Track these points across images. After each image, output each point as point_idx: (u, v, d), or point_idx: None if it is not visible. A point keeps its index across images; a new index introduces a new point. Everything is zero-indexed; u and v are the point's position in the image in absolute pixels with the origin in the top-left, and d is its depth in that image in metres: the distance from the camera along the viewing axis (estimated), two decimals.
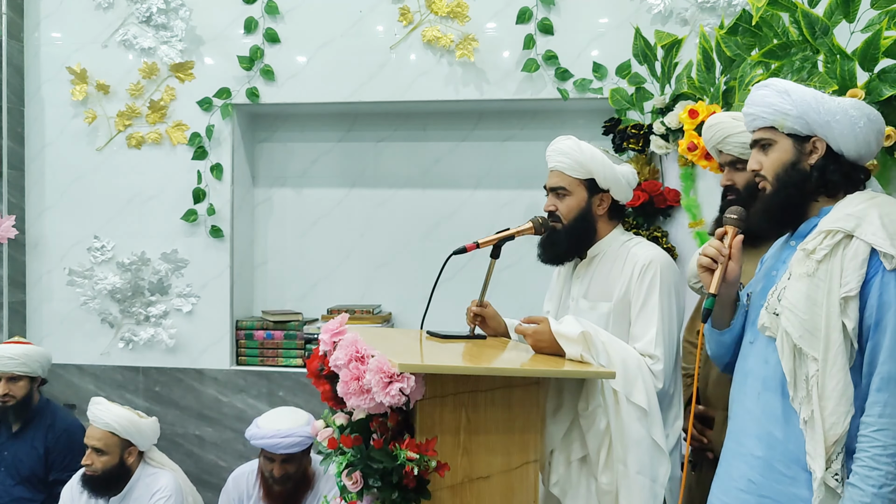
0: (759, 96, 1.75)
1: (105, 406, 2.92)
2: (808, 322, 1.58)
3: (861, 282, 1.55)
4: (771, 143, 1.73)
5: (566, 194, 2.16)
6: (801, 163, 1.70)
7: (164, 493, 2.92)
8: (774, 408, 1.65)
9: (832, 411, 1.54)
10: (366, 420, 1.78)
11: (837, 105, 1.66)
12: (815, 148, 1.69)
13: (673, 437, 2.04)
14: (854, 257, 1.56)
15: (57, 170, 3.89)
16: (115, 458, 2.90)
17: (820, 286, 1.58)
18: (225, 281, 3.79)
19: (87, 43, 3.83)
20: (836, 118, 1.65)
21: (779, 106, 1.70)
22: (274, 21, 3.70)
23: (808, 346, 1.57)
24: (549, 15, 3.48)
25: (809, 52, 2.23)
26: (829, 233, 1.60)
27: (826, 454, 1.54)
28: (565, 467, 1.92)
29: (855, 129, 1.66)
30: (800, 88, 1.70)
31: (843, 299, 1.55)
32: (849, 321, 1.55)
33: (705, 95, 2.77)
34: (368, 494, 1.73)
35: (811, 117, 1.67)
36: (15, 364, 3.21)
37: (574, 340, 1.84)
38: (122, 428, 2.89)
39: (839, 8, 2.22)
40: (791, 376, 1.60)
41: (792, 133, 1.70)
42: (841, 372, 1.54)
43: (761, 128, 1.75)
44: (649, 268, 2.06)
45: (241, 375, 3.78)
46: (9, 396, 3.22)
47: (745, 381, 1.74)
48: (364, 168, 3.99)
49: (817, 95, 1.69)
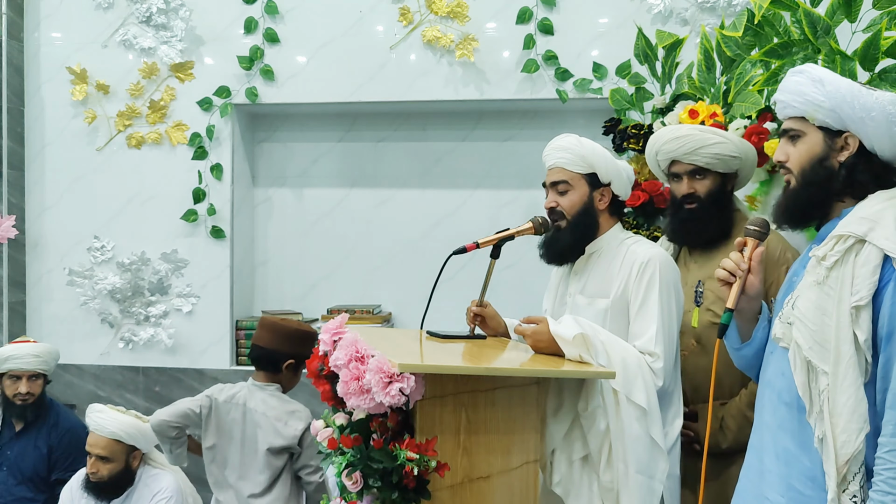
0: (793, 83, 1.62)
1: (108, 414, 2.89)
2: (817, 333, 1.49)
3: (873, 290, 1.44)
4: (800, 135, 1.62)
5: (568, 189, 2.16)
6: (830, 159, 1.58)
7: (164, 493, 2.92)
8: (790, 423, 1.56)
9: (843, 428, 1.44)
10: (366, 420, 1.78)
11: (875, 100, 1.53)
12: (847, 144, 1.57)
13: (672, 435, 2.04)
14: (865, 264, 1.46)
15: (57, 170, 3.89)
16: (120, 465, 2.89)
17: (830, 295, 1.48)
18: (225, 281, 3.79)
19: (87, 43, 3.83)
20: (871, 115, 1.52)
21: (811, 96, 1.58)
22: (274, 21, 3.69)
23: (818, 359, 1.48)
24: (549, 15, 3.48)
25: (811, 51, 2.23)
26: (841, 238, 1.50)
27: (839, 474, 1.44)
28: (567, 467, 1.92)
29: (893, 127, 1.53)
30: (836, 78, 1.58)
31: (853, 309, 1.45)
32: (861, 332, 1.45)
33: (705, 95, 2.76)
34: (368, 494, 1.73)
35: (845, 111, 1.54)
36: (38, 362, 3.24)
37: (572, 341, 1.83)
38: (128, 435, 2.87)
39: (841, 8, 2.22)
40: (804, 390, 1.51)
41: (823, 126, 1.58)
42: (852, 387, 1.44)
43: (791, 117, 1.63)
44: (648, 266, 2.06)
45: (241, 375, 3.77)
46: (30, 395, 3.24)
47: (763, 394, 1.66)
48: (364, 168, 3.99)
49: (854, 88, 1.55)
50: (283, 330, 2.75)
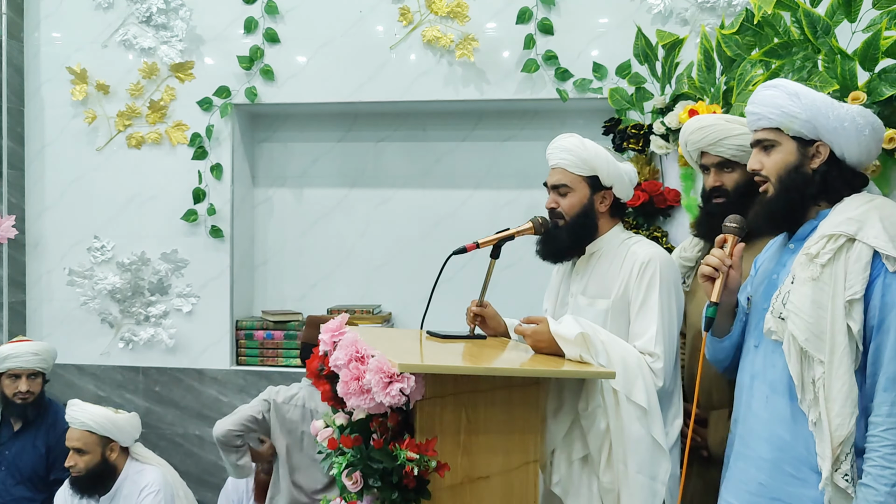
0: (768, 96, 1.73)
1: (79, 406, 2.96)
2: (813, 325, 1.60)
3: (865, 284, 1.57)
4: (774, 145, 1.73)
5: (568, 191, 2.16)
6: (804, 166, 1.70)
7: (151, 488, 2.94)
8: (783, 410, 1.67)
9: (838, 413, 1.55)
10: (366, 420, 1.78)
11: (846, 112, 1.67)
12: (819, 152, 1.70)
13: (673, 434, 2.03)
14: (857, 260, 1.58)
15: (57, 170, 3.89)
16: (97, 457, 2.93)
17: (825, 290, 1.60)
18: (225, 281, 3.79)
19: (87, 43, 3.83)
20: (843, 125, 1.66)
21: (787, 108, 1.69)
22: (274, 21, 3.70)
23: (815, 350, 1.59)
24: (549, 15, 3.48)
25: (811, 51, 2.23)
26: (832, 237, 1.61)
27: (833, 455, 1.55)
28: (567, 467, 1.92)
29: (861, 136, 1.67)
30: (810, 92, 1.70)
31: (848, 302, 1.57)
32: (854, 324, 1.57)
33: (705, 95, 2.76)
34: (368, 494, 1.73)
35: (820, 122, 1.67)
36: (37, 360, 3.26)
37: (573, 341, 1.84)
38: (99, 425, 2.92)
39: (841, 7, 2.22)
40: (798, 379, 1.62)
41: (797, 136, 1.70)
42: (846, 374, 1.56)
43: (765, 128, 1.74)
44: (649, 266, 2.06)
45: (241, 375, 3.78)
46: (30, 393, 3.25)
47: (751, 385, 1.76)
48: (364, 168, 3.99)
49: (827, 101, 1.68)
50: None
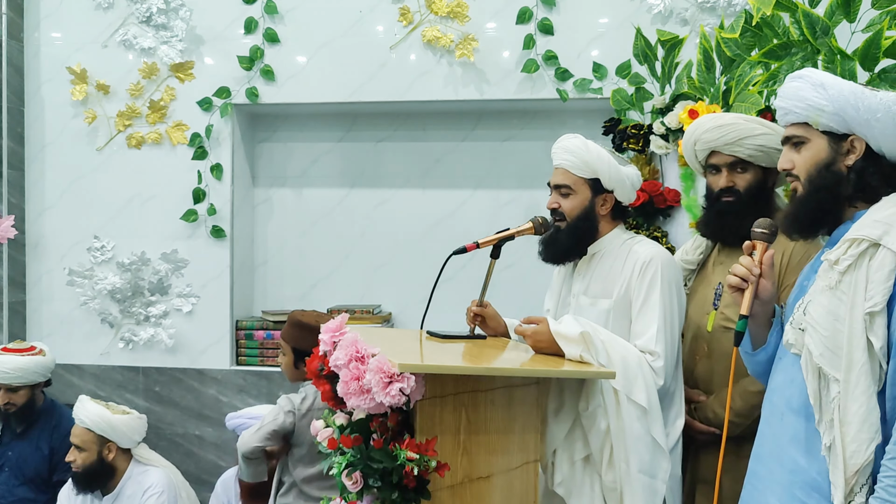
0: (793, 88, 1.58)
1: (83, 404, 2.98)
2: (829, 339, 1.43)
3: (888, 295, 1.39)
4: (804, 141, 1.58)
5: (570, 193, 2.16)
6: (837, 164, 1.54)
7: (155, 489, 2.95)
8: (797, 430, 1.51)
9: (853, 438, 1.39)
10: (366, 420, 1.78)
11: (879, 101, 1.49)
12: (853, 148, 1.53)
13: (674, 435, 2.04)
14: (880, 268, 1.40)
15: (57, 170, 3.89)
16: (93, 455, 2.94)
17: (843, 300, 1.43)
18: (225, 281, 3.79)
19: (87, 43, 3.83)
20: (876, 116, 1.48)
21: (813, 101, 1.54)
22: (274, 21, 3.70)
23: (830, 366, 1.43)
24: (549, 15, 3.48)
25: (810, 52, 2.23)
26: (854, 241, 1.45)
27: (847, 485, 1.39)
28: (569, 467, 1.92)
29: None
30: (838, 82, 1.54)
31: (867, 315, 1.40)
32: (876, 339, 1.39)
33: (705, 95, 2.77)
34: (368, 494, 1.73)
35: (849, 114, 1.51)
36: (11, 377, 3.20)
37: (573, 341, 1.84)
38: (95, 424, 2.93)
39: (840, 8, 2.22)
40: (815, 398, 1.46)
41: (827, 131, 1.55)
42: (864, 395, 1.39)
43: (794, 123, 1.59)
44: (650, 265, 2.06)
45: (241, 375, 3.78)
46: (10, 405, 3.24)
47: (770, 400, 1.62)
48: (364, 168, 3.99)
49: (856, 90, 1.51)
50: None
